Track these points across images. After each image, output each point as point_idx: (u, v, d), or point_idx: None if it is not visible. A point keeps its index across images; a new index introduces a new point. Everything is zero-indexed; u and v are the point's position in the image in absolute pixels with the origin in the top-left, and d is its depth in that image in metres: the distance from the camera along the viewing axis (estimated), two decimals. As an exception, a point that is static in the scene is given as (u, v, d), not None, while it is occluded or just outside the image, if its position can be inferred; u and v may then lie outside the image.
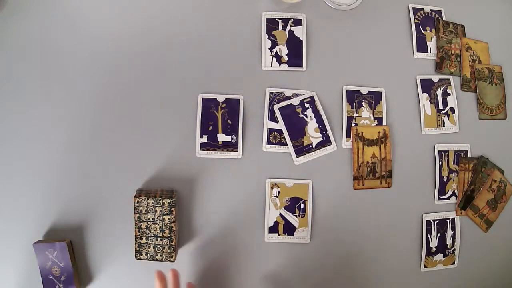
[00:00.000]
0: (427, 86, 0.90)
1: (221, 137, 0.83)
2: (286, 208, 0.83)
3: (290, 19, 0.88)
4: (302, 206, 0.83)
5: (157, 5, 0.85)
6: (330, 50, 0.88)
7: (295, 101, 0.85)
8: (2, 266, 0.79)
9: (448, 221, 0.88)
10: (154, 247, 0.75)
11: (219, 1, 0.86)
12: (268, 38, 0.86)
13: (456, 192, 0.89)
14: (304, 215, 0.83)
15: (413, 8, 0.92)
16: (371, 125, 0.87)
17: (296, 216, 0.83)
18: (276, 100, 0.85)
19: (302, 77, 0.86)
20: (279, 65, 0.86)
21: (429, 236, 0.87)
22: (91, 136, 0.81)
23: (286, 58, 0.86)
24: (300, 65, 0.86)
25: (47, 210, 0.79)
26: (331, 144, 0.85)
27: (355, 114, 0.87)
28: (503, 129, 0.93)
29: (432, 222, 0.87)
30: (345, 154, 0.86)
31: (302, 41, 0.87)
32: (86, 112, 0.82)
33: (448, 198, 0.89)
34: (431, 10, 0.93)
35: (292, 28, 0.87)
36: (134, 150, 0.82)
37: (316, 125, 0.85)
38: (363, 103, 0.87)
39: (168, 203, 0.75)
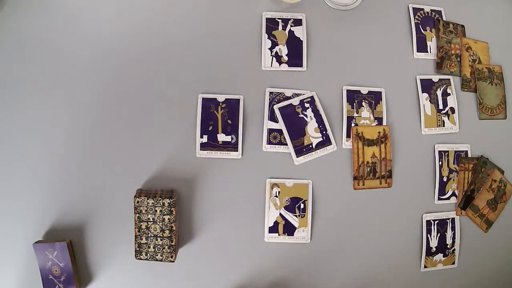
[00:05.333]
0: (427, 86, 0.90)
1: (221, 137, 0.83)
2: (286, 208, 0.83)
3: (290, 19, 0.88)
4: (302, 206, 0.83)
5: (157, 5, 0.85)
6: (330, 50, 0.88)
7: (295, 101, 0.85)
8: (2, 266, 0.79)
9: (448, 221, 0.88)
10: (154, 247, 0.75)
11: (219, 1, 0.86)
12: (268, 38, 0.86)
13: (456, 192, 0.89)
14: (304, 215, 0.83)
15: (413, 8, 0.92)
16: (371, 125, 0.87)
17: (296, 216, 0.83)
18: (276, 100, 0.85)
19: (302, 77, 0.86)
20: (279, 65, 0.86)
21: (429, 236, 0.87)
22: (91, 136, 0.81)
23: (286, 58, 0.86)
24: (300, 65, 0.86)
25: (47, 210, 0.79)
26: (331, 144, 0.85)
27: (355, 114, 0.87)
28: (503, 129, 0.93)
29: (432, 222, 0.87)
30: (345, 154, 0.86)
31: (302, 41, 0.87)
32: (86, 112, 0.82)
33: (448, 198, 0.89)
34: (431, 10, 0.93)
35: (292, 28, 0.87)
36: (134, 150, 0.82)
37: (316, 125, 0.85)
38: (363, 103, 0.87)
39: (168, 203, 0.75)
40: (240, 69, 0.85)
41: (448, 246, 0.88)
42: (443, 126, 0.90)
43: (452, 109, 0.91)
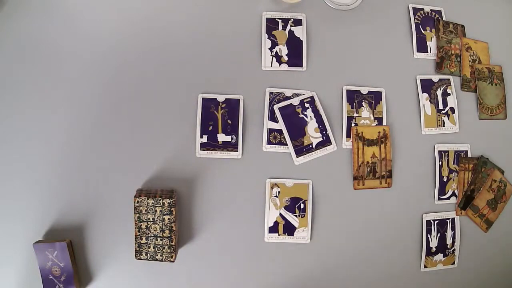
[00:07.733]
0: (427, 86, 0.90)
1: (221, 137, 0.83)
2: (286, 208, 0.83)
3: (290, 19, 0.88)
4: (302, 206, 0.83)
5: (157, 6, 0.85)
6: (330, 50, 0.88)
7: (295, 101, 0.85)
8: (2, 266, 0.79)
9: (448, 221, 0.88)
10: (154, 247, 0.75)
11: (219, 1, 0.86)
12: (268, 38, 0.86)
13: (456, 192, 0.89)
14: (304, 215, 0.83)
15: (413, 8, 0.92)
16: (371, 125, 0.87)
17: (296, 216, 0.83)
18: (276, 100, 0.85)
19: (302, 77, 0.86)
20: (279, 65, 0.86)
21: (429, 236, 0.87)
22: (91, 136, 0.81)
23: (286, 58, 0.86)
24: (300, 65, 0.86)
25: (47, 210, 0.79)
26: (331, 144, 0.85)
27: (355, 114, 0.87)
28: (503, 129, 0.93)
29: (432, 222, 0.87)
30: (345, 154, 0.86)
31: (302, 41, 0.87)
32: (86, 112, 0.82)
33: (448, 198, 0.89)
34: (431, 10, 0.93)
35: (292, 28, 0.87)
36: (134, 150, 0.82)
37: (316, 125, 0.85)
38: (363, 103, 0.87)
39: (168, 203, 0.75)
40: (240, 69, 0.85)
41: (448, 246, 0.88)
42: (443, 126, 0.90)
43: (452, 109, 0.91)
